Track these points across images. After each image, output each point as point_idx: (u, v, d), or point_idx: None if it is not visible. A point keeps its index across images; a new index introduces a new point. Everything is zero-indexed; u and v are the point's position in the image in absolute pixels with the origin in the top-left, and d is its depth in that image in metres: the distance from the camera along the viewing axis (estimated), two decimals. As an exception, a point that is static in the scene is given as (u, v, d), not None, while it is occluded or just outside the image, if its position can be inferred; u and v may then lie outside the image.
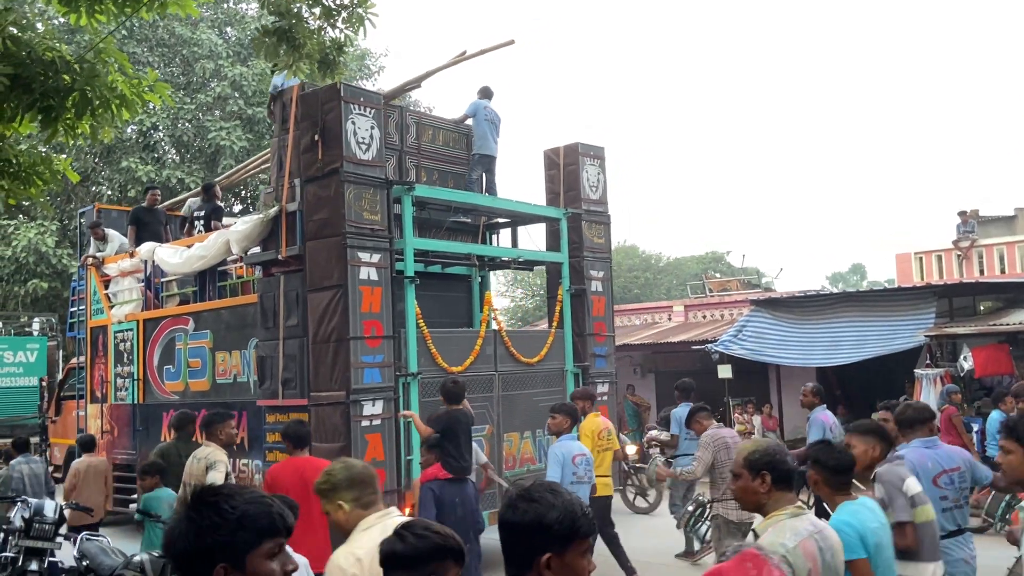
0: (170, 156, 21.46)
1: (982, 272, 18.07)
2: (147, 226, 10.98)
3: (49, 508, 6.63)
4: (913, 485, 3.98)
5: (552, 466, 6.35)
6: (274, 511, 1.82)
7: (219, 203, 10.95)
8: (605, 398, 9.68)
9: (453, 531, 2.14)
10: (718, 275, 31.90)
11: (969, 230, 18.81)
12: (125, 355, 10.53)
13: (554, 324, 9.63)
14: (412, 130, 9.63)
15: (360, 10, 5.29)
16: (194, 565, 1.77)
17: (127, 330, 10.52)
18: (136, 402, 10.21)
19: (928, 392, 11.33)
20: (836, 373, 14.16)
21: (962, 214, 19.14)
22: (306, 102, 7.89)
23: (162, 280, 10.44)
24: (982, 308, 13.77)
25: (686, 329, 16.70)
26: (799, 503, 3.03)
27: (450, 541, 2.11)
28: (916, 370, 11.83)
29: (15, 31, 5.41)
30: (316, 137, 7.57)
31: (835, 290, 20.31)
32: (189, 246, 9.52)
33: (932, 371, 11.52)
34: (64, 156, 12.66)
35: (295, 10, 4.90)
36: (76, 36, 16.50)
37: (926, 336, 11.87)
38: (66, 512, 7.02)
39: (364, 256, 7.51)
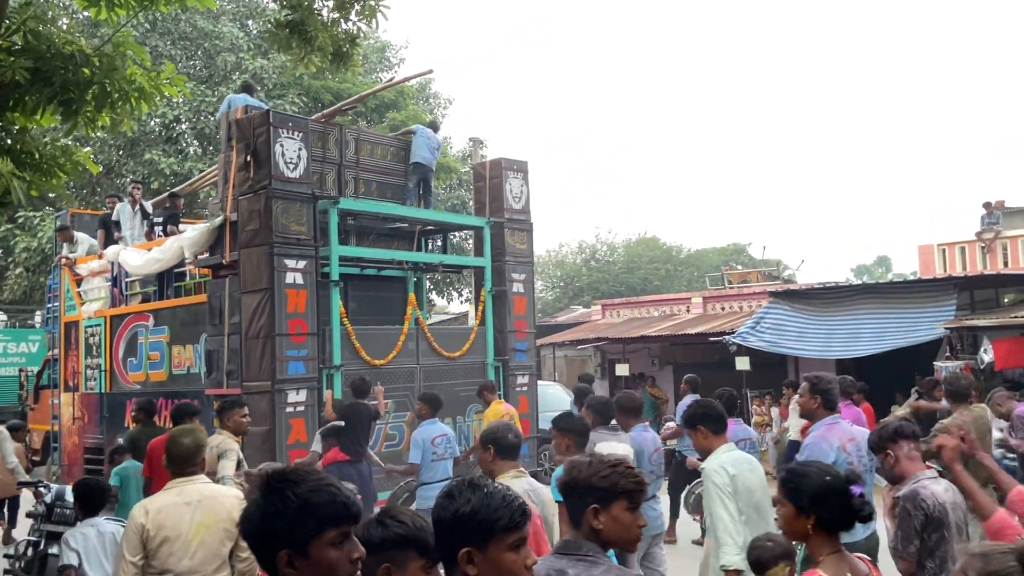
0: (192, 148, 21.67)
1: (1006, 264, 17.81)
2: (112, 231, 11.95)
3: (71, 494, 6.76)
4: (605, 447, 4.82)
5: (413, 450, 7.30)
6: (339, 499, 1.83)
7: (178, 211, 11.93)
8: (525, 388, 10.80)
9: (425, 523, 2.12)
10: (739, 267, 31.67)
11: (994, 221, 18.51)
12: (94, 348, 11.47)
13: (476, 322, 10.72)
14: (352, 145, 10.68)
15: (372, 2, 5.34)
16: (262, 547, 1.82)
17: (96, 325, 11.46)
18: (104, 391, 11.12)
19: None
20: (855, 365, 14.06)
21: (987, 205, 18.85)
22: (241, 126, 8.86)
23: (126, 280, 11.25)
24: (1005, 300, 13.59)
25: (704, 321, 16.65)
26: (520, 469, 3.90)
27: (414, 532, 2.09)
28: (936, 362, 11.73)
29: (36, 26, 5.51)
30: (248, 158, 8.53)
31: (859, 283, 20.11)
32: (149, 250, 10.39)
33: (952, 363, 11.41)
34: (87, 148, 12.88)
35: (307, 3, 4.94)
36: (99, 30, 16.69)
37: (946, 328, 11.75)
38: None
39: (290, 263, 8.54)
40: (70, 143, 7.41)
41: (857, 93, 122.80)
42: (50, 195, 18.08)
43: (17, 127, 6.05)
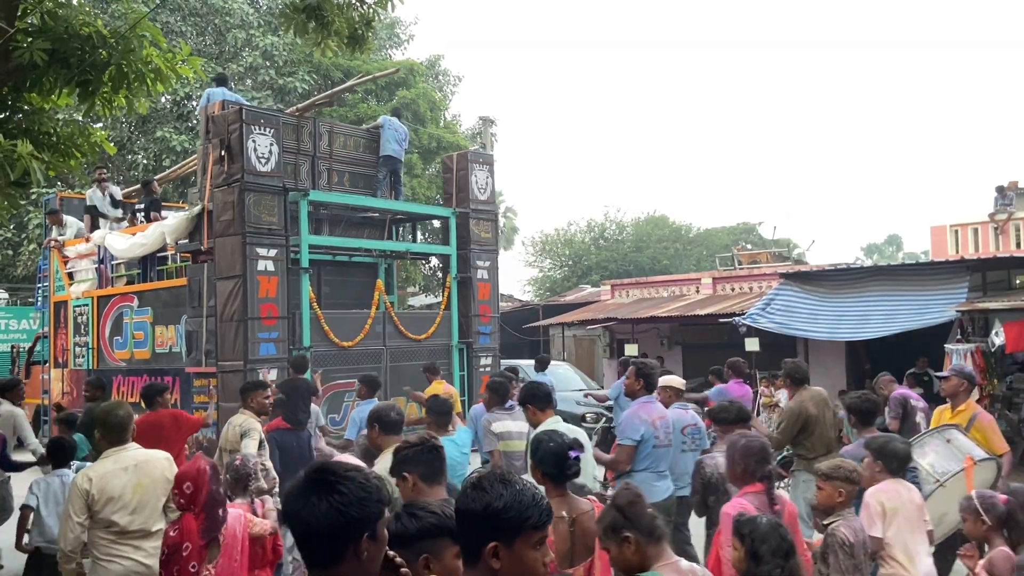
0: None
1: (1019, 246, 17.70)
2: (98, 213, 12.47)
3: None
4: (499, 427, 5.92)
5: (350, 427, 7.69)
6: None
7: (156, 196, 12.38)
8: (488, 368, 11.29)
9: (449, 509, 2.16)
10: (749, 247, 31.55)
11: (1007, 203, 18.38)
12: (82, 327, 12.00)
13: (442, 306, 11.29)
14: (325, 138, 11.17)
15: (388, -15, 5.33)
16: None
17: (84, 305, 11.98)
18: (91, 367, 11.63)
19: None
20: (865, 348, 14.05)
21: (1000, 188, 18.71)
22: (216, 123, 9.38)
23: (112, 263, 11.76)
24: (1017, 282, 13.52)
25: (714, 302, 16.64)
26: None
27: (445, 520, 2.13)
28: (947, 345, 11.69)
29: (53, 7, 5.53)
30: (223, 153, 9.07)
31: (869, 262, 20.04)
32: (133, 235, 10.95)
33: (963, 346, 11.37)
34: (100, 126, 12.98)
35: (324, -14, 4.94)
36: (110, 6, 16.66)
37: (957, 311, 11.72)
38: None
39: (262, 251, 9.12)
40: (85, 122, 7.47)
41: (868, 70, 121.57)
42: (64, 172, 18.17)
43: (34, 108, 6.09)
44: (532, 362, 12.90)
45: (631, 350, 16.90)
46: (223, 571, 4.10)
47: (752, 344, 13.47)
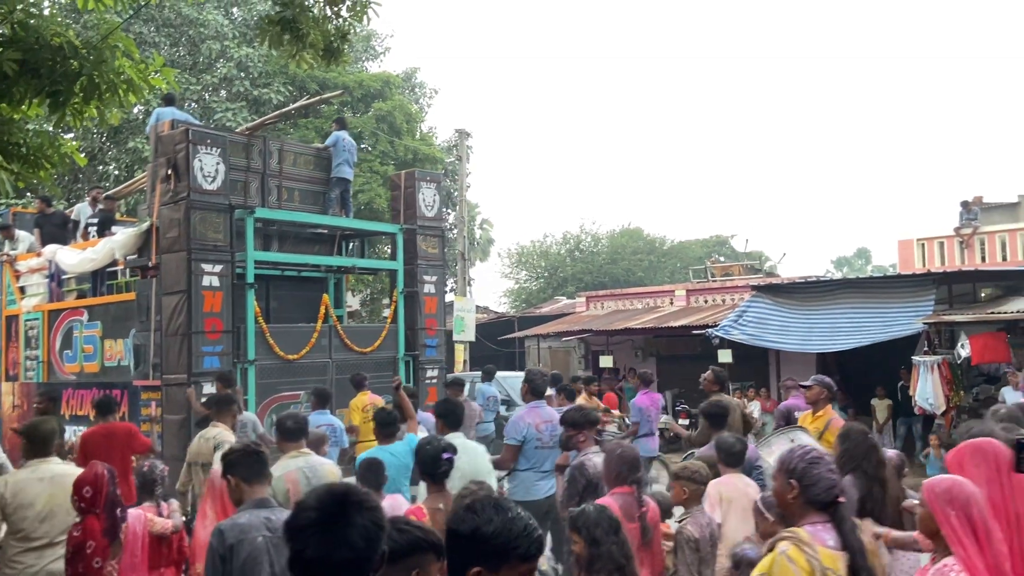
0: (176, 136, 21.51)
1: (984, 259, 18.07)
2: (45, 229, 12.53)
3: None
4: None
5: None
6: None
7: (113, 213, 12.44)
8: (434, 381, 11.63)
9: (428, 526, 2.19)
10: (722, 259, 31.87)
11: (972, 217, 18.76)
12: (33, 340, 12.07)
13: (389, 320, 11.58)
14: (275, 156, 11.43)
15: (363, -2, 5.35)
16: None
17: (35, 319, 12.07)
18: (41, 381, 11.68)
19: (925, 379, 11.41)
20: (835, 359, 14.24)
21: (964, 203, 19.10)
22: (163, 142, 9.63)
23: (63, 277, 11.83)
24: (982, 295, 13.79)
25: (687, 314, 16.78)
26: (302, 449, 4.85)
27: (430, 536, 2.11)
28: (914, 357, 11.90)
29: (24, 17, 5.48)
30: (169, 172, 9.31)
31: (839, 274, 20.31)
32: (83, 249, 11.08)
33: (930, 358, 11.58)
34: (71, 137, 12.88)
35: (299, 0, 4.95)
36: (83, 17, 16.52)
37: (924, 323, 11.93)
38: None
39: (207, 267, 9.34)
40: (56, 132, 7.39)
41: (838, 85, 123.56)
42: (33, 183, 17.93)
43: (3, 118, 6.02)
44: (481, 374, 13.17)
45: (606, 361, 16.99)
46: (126, 566, 4.48)
47: (725, 356, 13.60)
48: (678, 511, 4.78)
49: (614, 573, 3.10)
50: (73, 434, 10.88)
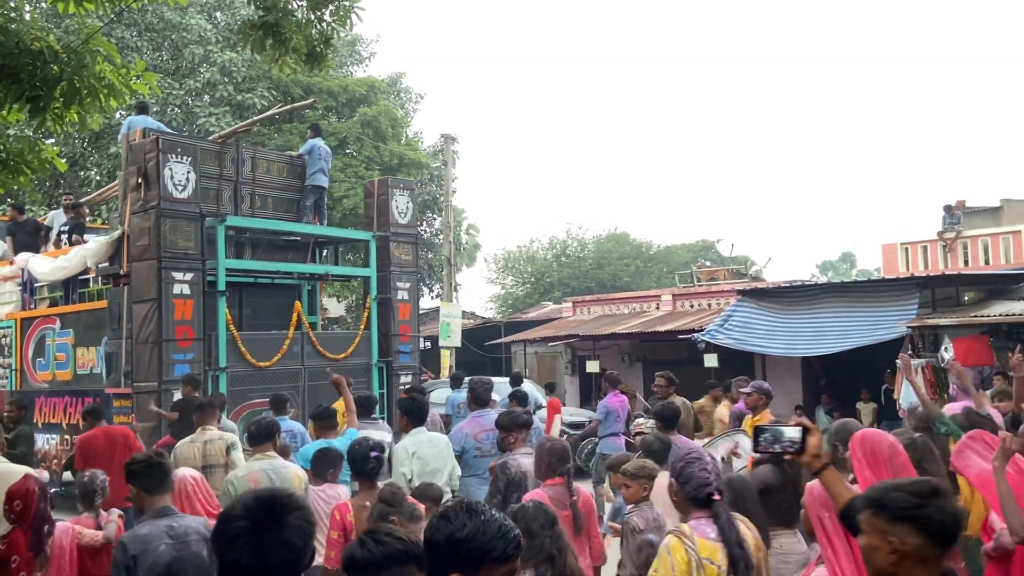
0: (159, 142, 21.35)
1: (967, 263, 18.21)
2: (17, 237, 12.52)
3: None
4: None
5: None
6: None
7: (83, 220, 12.43)
8: (408, 386, 11.28)
9: (417, 537, 2.12)
10: (708, 264, 31.99)
11: (955, 221, 18.91)
12: (6, 348, 12.10)
13: (362, 326, 11.54)
14: (248, 163, 11.42)
15: (347, 2, 5.33)
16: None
17: (7, 327, 12.10)
18: (14, 388, 11.69)
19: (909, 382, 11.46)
20: (820, 363, 14.30)
21: (947, 208, 19.25)
22: (133, 151, 9.62)
23: (35, 285, 11.88)
24: (965, 299, 13.89)
25: (674, 318, 16.81)
26: (268, 452, 4.99)
27: (410, 547, 2.08)
28: (898, 360, 11.95)
29: (3, 21, 5.42)
30: (139, 180, 9.32)
31: (824, 279, 20.43)
32: (55, 257, 11.12)
33: (914, 362, 11.63)
34: (51, 142, 12.77)
35: (282, 4, 4.92)
36: (64, 21, 16.39)
37: (908, 327, 12.00)
38: None
39: (178, 275, 9.38)
40: (36, 137, 7.32)
41: (822, 91, 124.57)
42: (13, 188, 17.76)
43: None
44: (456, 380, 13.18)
45: (592, 366, 16.97)
46: None
47: (711, 360, 13.63)
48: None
49: (543, 564, 3.21)
50: (46, 442, 10.79)
